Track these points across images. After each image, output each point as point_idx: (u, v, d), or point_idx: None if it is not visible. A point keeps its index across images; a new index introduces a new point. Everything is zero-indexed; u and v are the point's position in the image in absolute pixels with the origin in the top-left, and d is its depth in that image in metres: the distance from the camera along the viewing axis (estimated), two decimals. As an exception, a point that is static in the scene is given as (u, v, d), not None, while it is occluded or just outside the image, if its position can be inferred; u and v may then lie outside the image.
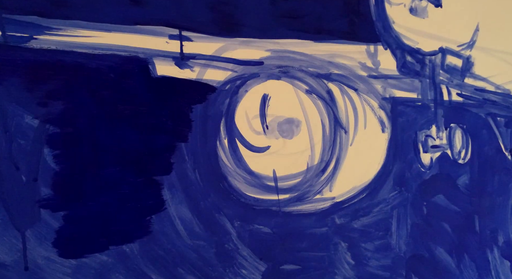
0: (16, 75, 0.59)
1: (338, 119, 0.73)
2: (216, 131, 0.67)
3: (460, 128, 0.79)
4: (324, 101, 0.72)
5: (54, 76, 0.60)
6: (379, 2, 0.73)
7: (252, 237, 0.69)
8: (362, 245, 0.75)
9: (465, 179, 0.80)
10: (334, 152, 0.73)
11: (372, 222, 0.75)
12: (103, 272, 0.63)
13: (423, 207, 0.78)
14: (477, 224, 0.80)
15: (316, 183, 0.72)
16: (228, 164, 0.68)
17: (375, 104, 0.75)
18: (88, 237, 0.63)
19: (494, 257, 0.81)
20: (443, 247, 0.79)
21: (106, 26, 0.62)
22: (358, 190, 0.74)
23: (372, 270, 0.76)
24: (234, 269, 0.69)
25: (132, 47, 0.63)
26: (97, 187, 0.52)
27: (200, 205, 0.67)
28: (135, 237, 0.65)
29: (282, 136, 0.71)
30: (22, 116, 0.60)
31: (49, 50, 0.60)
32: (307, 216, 0.72)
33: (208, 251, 0.67)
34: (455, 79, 0.79)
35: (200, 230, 0.67)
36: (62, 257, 0.63)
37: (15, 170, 0.60)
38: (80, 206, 0.62)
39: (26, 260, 0.62)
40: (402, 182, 0.77)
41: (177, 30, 0.65)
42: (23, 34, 0.59)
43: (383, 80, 0.75)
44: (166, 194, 0.65)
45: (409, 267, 0.77)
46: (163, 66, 0.64)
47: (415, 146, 0.77)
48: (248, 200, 0.69)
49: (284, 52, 0.70)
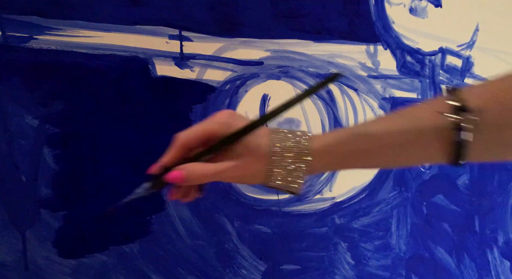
0: (16, 75, 0.59)
1: (338, 119, 0.73)
2: (216, 131, 0.67)
3: (460, 128, 0.79)
4: (324, 101, 0.72)
5: (54, 76, 0.60)
6: (379, 2, 0.73)
7: (252, 237, 0.69)
8: (362, 245, 0.75)
9: (465, 179, 0.80)
10: (334, 152, 0.73)
11: (372, 222, 0.75)
12: (103, 272, 0.63)
13: (423, 207, 0.78)
14: (477, 224, 0.80)
15: (316, 183, 0.72)
16: (228, 164, 0.68)
17: (375, 104, 0.75)
18: (88, 237, 0.63)
19: (494, 257, 0.81)
20: (443, 247, 0.79)
21: (106, 26, 0.62)
22: (358, 190, 0.74)
23: (372, 270, 0.75)
24: (234, 269, 0.69)
25: (132, 47, 0.63)
26: (97, 187, 0.52)
27: (200, 205, 0.67)
28: (135, 237, 0.65)
29: (282, 136, 0.71)
30: (22, 116, 0.60)
31: (49, 50, 0.60)
32: (307, 216, 0.72)
33: (208, 251, 0.67)
34: (455, 79, 0.79)
35: (200, 230, 0.67)
36: (62, 257, 0.63)
37: (15, 170, 0.60)
38: (80, 206, 0.62)
39: (26, 260, 0.62)
40: (402, 182, 0.77)
41: (177, 30, 0.65)
42: (23, 34, 0.59)
43: (383, 80, 0.75)
44: (166, 194, 0.65)
45: (409, 267, 0.77)
46: (163, 66, 0.64)
47: (415, 146, 0.77)
48: (248, 200, 0.69)
49: (284, 52, 0.70)
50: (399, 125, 0.40)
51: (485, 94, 0.39)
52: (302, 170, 0.42)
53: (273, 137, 0.43)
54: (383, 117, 0.44)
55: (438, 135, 0.39)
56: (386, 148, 0.41)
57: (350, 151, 0.42)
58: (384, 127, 0.41)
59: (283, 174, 0.43)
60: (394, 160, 0.43)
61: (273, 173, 0.43)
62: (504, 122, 0.38)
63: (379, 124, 0.42)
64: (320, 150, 0.42)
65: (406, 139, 0.40)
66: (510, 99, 0.37)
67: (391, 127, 0.41)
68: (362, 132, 0.41)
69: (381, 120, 0.43)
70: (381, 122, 0.42)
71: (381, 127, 0.41)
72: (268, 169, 0.43)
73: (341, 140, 0.42)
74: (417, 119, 0.40)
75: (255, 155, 0.43)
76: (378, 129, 0.41)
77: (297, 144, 0.42)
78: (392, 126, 0.41)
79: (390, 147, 0.41)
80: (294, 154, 0.42)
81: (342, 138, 0.42)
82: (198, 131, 0.43)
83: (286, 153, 0.42)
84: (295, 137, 0.43)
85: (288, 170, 0.43)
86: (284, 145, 0.42)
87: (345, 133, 0.42)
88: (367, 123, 0.43)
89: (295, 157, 0.42)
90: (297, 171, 0.43)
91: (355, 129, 0.43)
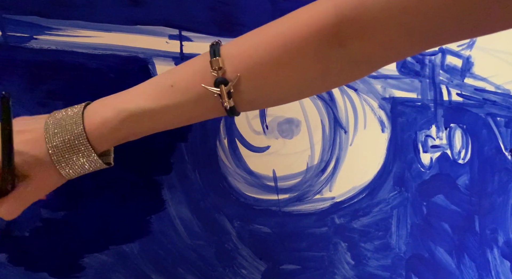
0: (16, 75, 0.59)
1: (338, 119, 0.73)
2: (216, 131, 0.67)
3: (460, 128, 0.79)
4: (323, 101, 0.72)
5: (54, 76, 0.60)
6: (379, 2, 0.73)
7: (252, 237, 0.69)
8: (362, 245, 0.75)
9: (465, 179, 0.80)
10: (334, 152, 0.73)
11: (372, 222, 0.75)
12: (103, 272, 0.63)
13: (423, 207, 0.78)
14: (477, 224, 0.80)
15: (316, 183, 0.72)
16: (228, 164, 0.68)
17: (375, 104, 0.75)
18: (88, 237, 0.63)
19: (494, 257, 0.81)
20: (443, 247, 0.79)
21: (106, 26, 0.62)
22: (358, 190, 0.74)
23: (372, 270, 0.76)
24: (234, 269, 0.69)
25: (132, 47, 0.63)
26: (97, 187, 0.52)
27: (200, 205, 0.67)
28: (135, 237, 0.65)
29: (282, 136, 0.71)
30: (22, 116, 0.60)
31: (49, 50, 0.60)
32: (307, 216, 0.72)
33: (208, 251, 0.67)
34: (455, 79, 0.79)
35: (200, 230, 0.67)
36: (62, 257, 0.63)
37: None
38: (80, 206, 0.62)
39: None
40: (402, 182, 0.77)
41: (177, 30, 0.65)
42: (23, 34, 0.59)
43: (383, 80, 0.75)
44: (166, 194, 0.65)
45: (409, 267, 0.77)
46: (163, 66, 0.64)
47: (415, 146, 0.77)
48: (248, 200, 0.69)
49: (284, 52, 0.70)
50: (173, 99, 0.44)
51: (239, 59, 0.44)
52: (88, 151, 0.44)
53: (46, 134, 0.44)
54: (150, 88, 0.46)
55: (209, 103, 0.45)
56: (165, 122, 0.46)
57: (131, 132, 0.45)
58: (159, 103, 0.44)
59: (77, 163, 0.44)
60: (172, 126, 0.47)
61: (67, 168, 0.44)
62: (255, 85, 0.44)
63: (150, 99, 0.44)
64: (96, 136, 0.44)
65: (181, 111, 0.45)
66: (257, 64, 0.43)
67: (165, 101, 0.44)
68: (139, 111, 0.44)
69: (150, 94, 0.45)
70: (151, 96, 0.44)
71: (156, 103, 0.44)
72: (57, 169, 0.44)
73: (118, 123, 0.44)
74: (187, 90, 0.44)
75: (35, 162, 0.43)
76: (152, 106, 0.44)
77: (70, 133, 0.43)
78: (165, 101, 0.44)
79: (169, 120, 0.46)
80: (71, 145, 0.44)
81: (119, 119, 0.44)
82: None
83: (61, 144, 0.43)
84: (66, 122, 0.44)
85: (77, 158, 0.44)
86: (57, 136, 0.43)
87: (121, 113, 0.44)
88: (137, 97, 0.45)
89: (74, 149, 0.44)
90: (86, 154, 0.44)
91: (128, 105, 0.44)
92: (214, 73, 0.43)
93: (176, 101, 0.44)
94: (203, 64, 0.44)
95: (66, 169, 0.44)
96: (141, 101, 0.44)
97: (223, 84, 0.43)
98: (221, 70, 0.43)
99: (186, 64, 0.46)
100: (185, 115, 0.46)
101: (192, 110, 0.45)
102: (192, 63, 0.46)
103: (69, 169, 0.45)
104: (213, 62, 0.43)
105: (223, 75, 0.43)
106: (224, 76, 0.43)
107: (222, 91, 0.43)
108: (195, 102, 0.44)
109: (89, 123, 0.44)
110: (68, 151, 0.43)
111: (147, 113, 0.44)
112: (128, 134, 0.46)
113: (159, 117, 0.45)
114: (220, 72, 0.43)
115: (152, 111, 0.44)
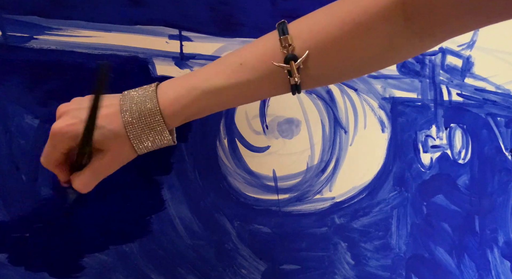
0: (16, 75, 0.59)
1: (338, 119, 0.73)
2: (216, 131, 0.67)
3: (460, 128, 0.79)
4: (324, 101, 0.72)
5: (54, 76, 0.60)
6: (379, 2, 0.73)
7: (252, 237, 0.69)
8: (362, 245, 0.75)
9: (465, 179, 0.80)
10: (334, 152, 0.73)
11: (372, 222, 0.75)
12: (103, 272, 0.63)
13: (423, 207, 0.78)
14: (477, 224, 0.80)
15: (315, 183, 0.72)
16: (227, 164, 0.68)
17: (375, 104, 0.75)
18: (88, 237, 0.63)
19: (494, 257, 0.81)
20: (443, 247, 0.79)
21: (106, 26, 0.62)
22: (358, 190, 0.74)
23: (372, 270, 0.76)
24: (234, 269, 0.69)
25: (132, 47, 0.63)
26: (97, 187, 0.52)
27: (200, 205, 0.67)
28: (135, 237, 0.65)
29: (282, 136, 0.71)
30: (22, 116, 0.60)
31: (49, 50, 0.60)
32: (307, 216, 0.72)
33: (208, 251, 0.67)
34: (455, 79, 0.79)
35: (200, 230, 0.67)
36: (61, 256, 0.63)
37: (15, 170, 0.60)
38: (80, 206, 0.62)
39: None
40: (402, 182, 0.77)
41: (177, 30, 0.65)
42: (23, 34, 0.59)
43: (383, 80, 0.75)
44: (166, 194, 0.65)
45: (409, 267, 0.77)
46: (163, 66, 0.64)
47: (415, 146, 0.77)
48: (248, 200, 0.69)
49: (284, 52, 0.70)
50: (242, 76, 0.46)
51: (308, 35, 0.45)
52: (161, 127, 0.46)
53: (122, 109, 0.46)
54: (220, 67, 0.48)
55: (276, 80, 0.47)
56: (233, 99, 0.48)
57: (202, 108, 0.48)
58: (229, 80, 0.46)
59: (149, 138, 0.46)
60: (239, 103, 0.52)
61: (140, 143, 0.46)
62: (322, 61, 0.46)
63: (221, 77, 0.46)
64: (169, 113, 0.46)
65: (249, 88, 0.47)
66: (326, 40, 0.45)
67: (235, 79, 0.46)
68: (211, 88, 0.46)
69: (221, 72, 0.47)
70: (221, 74, 0.47)
71: (226, 80, 0.46)
72: (131, 143, 0.46)
73: (191, 100, 0.46)
74: (256, 68, 0.46)
75: (112, 136, 0.45)
76: (223, 84, 0.46)
77: (145, 109, 0.45)
78: (235, 78, 0.46)
79: (237, 97, 0.48)
80: (146, 120, 0.46)
81: (191, 96, 0.46)
82: (55, 153, 0.47)
83: (136, 121, 0.45)
84: (141, 99, 0.46)
85: (150, 133, 0.46)
86: (132, 112, 0.45)
87: (194, 91, 0.46)
88: (208, 75, 0.47)
89: (149, 125, 0.46)
90: (159, 130, 0.46)
91: (200, 84, 0.47)
92: (284, 50, 0.45)
93: (245, 78, 0.46)
94: (271, 42, 0.46)
95: (139, 144, 0.46)
96: (213, 79, 0.46)
97: (293, 60, 0.45)
98: (291, 46, 0.45)
99: (253, 44, 0.48)
100: (252, 92, 0.48)
101: (259, 88, 0.47)
102: (259, 42, 0.48)
103: (141, 144, 0.46)
104: (282, 39, 0.45)
105: (292, 51, 0.45)
106: (293, 53, 0.45)
107: (293, 67, 0.45)
108: (262, 79, 0.46)
109: (163, 100, 0.46)
110: (143, 126, 0.45)
111: (218, 91, 0.46)
112: (198, 110, 0.47)
113: (227, 94, 0.47)
114: (290, 48, 0.45)
115: (222, 88, 0.46)
